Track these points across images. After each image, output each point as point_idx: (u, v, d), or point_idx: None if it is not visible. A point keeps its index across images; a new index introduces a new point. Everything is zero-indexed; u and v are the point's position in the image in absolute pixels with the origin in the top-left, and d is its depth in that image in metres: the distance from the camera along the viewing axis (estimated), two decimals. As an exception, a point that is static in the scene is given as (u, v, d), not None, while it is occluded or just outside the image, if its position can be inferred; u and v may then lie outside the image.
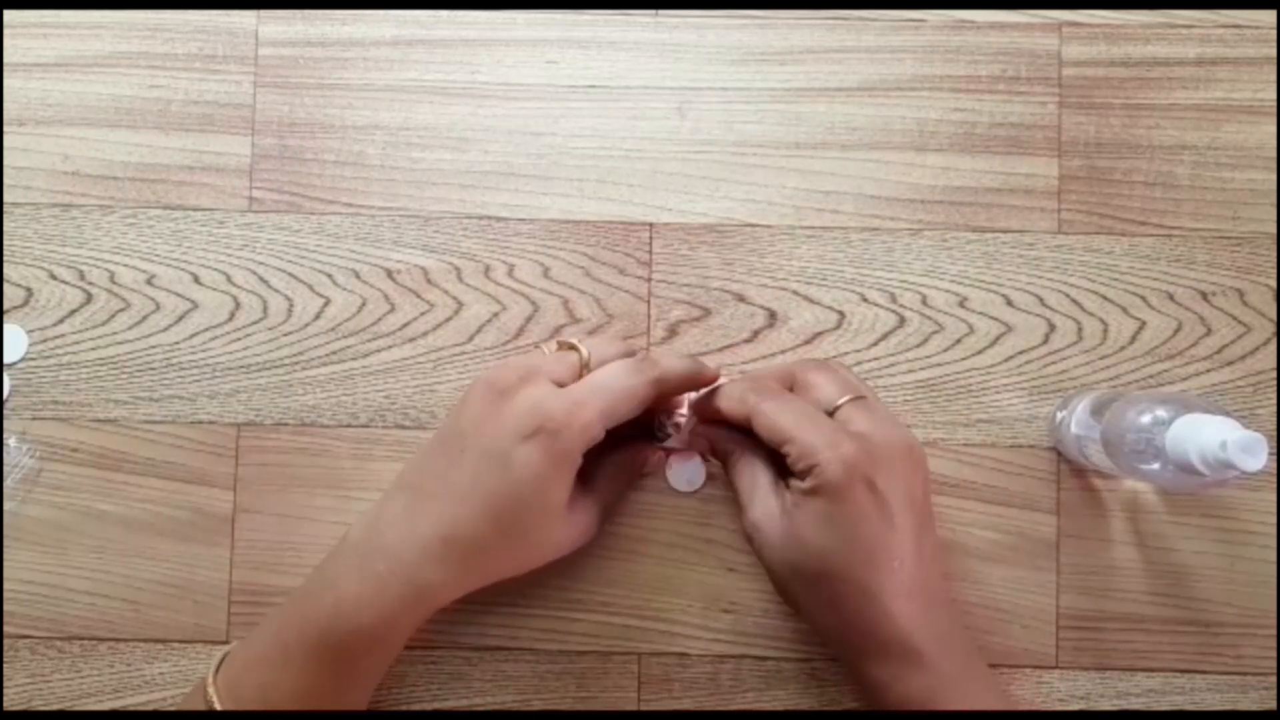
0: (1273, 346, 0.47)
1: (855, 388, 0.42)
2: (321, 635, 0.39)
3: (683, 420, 0.45)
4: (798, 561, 0.40)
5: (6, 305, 0.48)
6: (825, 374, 0.43)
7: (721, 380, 0.45)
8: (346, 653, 0.39)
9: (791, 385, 0.43)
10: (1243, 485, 0.47)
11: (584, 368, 0.41)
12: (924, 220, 0.48)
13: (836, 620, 0.40)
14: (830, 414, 0.41)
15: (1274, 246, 0.48)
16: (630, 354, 0.43)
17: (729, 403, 0.42)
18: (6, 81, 0.49)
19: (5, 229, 0.49)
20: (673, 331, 0.48)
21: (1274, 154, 0.48)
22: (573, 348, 0.42)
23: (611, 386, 0.40)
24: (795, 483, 0.40)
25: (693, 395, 0.45)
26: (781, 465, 0.42)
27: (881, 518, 0.38)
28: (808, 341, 0.48)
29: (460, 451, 0.39)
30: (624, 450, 0.45)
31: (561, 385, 0.40)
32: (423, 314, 0.48)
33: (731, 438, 0.44)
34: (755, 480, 0.42)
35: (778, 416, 0.40)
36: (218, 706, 0.39)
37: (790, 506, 0.40)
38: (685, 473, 0.47)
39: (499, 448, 0.38)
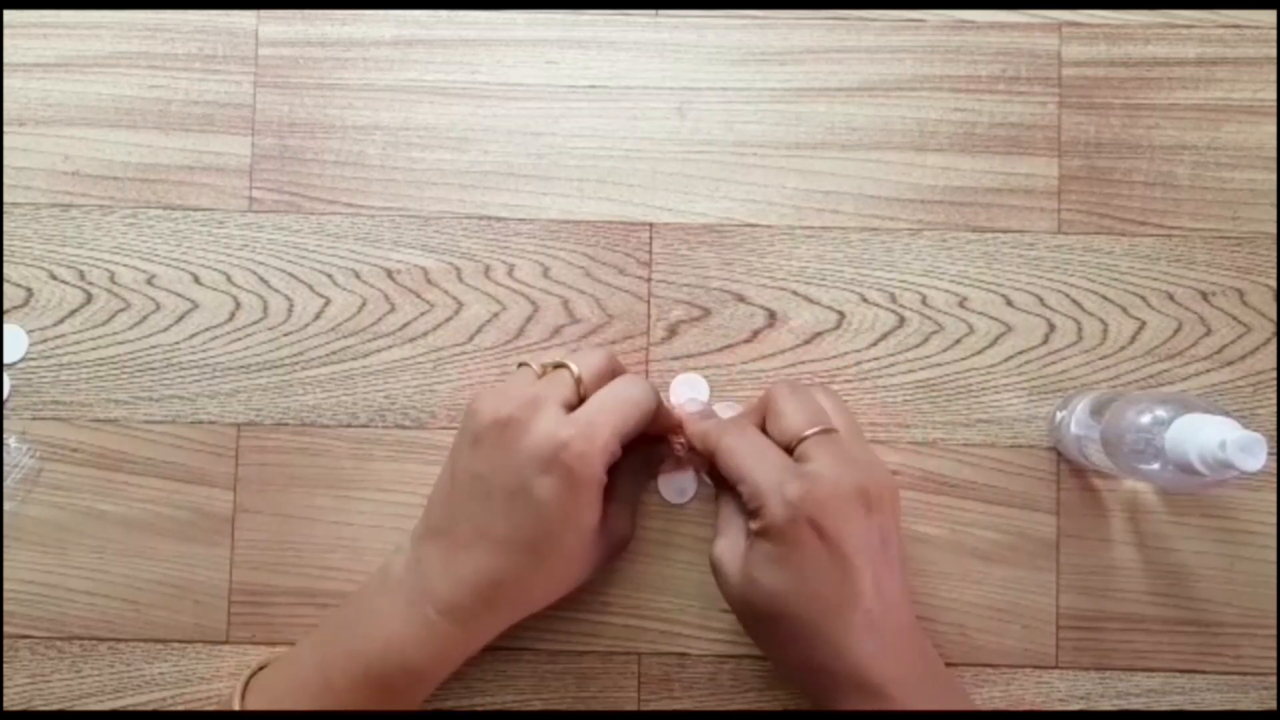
0: (1273, 346, 0.47)
1: (824, 420, 0.41)
2: (368, 670, 0.39)
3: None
4: (752, 600, 0.39)
5: (6, 305, 0.48)
6: (796, 402, 0.41)
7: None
8: (393, 688, 0.39)
9: (767, 412, 0.42)
10: (1243, 485, 0.47)
11: (579, 383, 0.41)
12: (924, 220, 0.48)
13: (795, 659, 0.39)
14: (793, 448, 0.40)
15: (1274, 246, 0.48)
16: (611, 358, 0.42)
17: (698, 440, 0.42)
18: (6, 81, 0.49)
19: (5, 229, 0.49)
20: (673, 331, 0.48)
21: (1274, 154, 0.48)
22: (561, 366, 0.41)
23: (621, 402, 0.40)
24: (750, 523, 0.39)
25: (673, 385, 0.46)
26: None
27: (830, 560, 0.37)
28: (808, 341, 0.48)
29: (486, 496, 0.39)
30: (635, 454, 0.44)
31: (567, 407, 0.40)
32: (423, 314, 0.48)
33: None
34: (731, 515, 0.41)
35: (733, 455, 0.40)
36: None
37: (748, 547, 0.39)
38: (676, 483, 0.47)
39: (523, 486, 0.38)
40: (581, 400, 0.40)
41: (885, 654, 0.38)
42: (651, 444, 0.46)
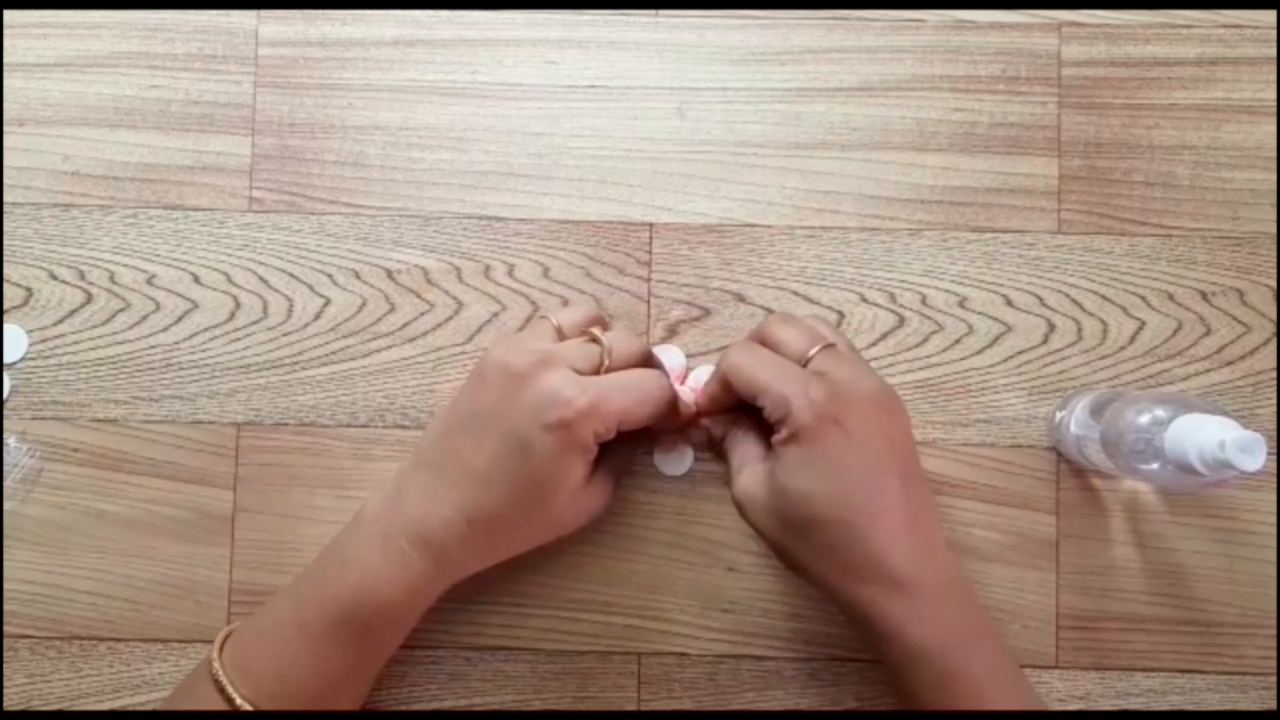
0: (1272, 346, 0.47)
1: (824, 336, 0.42)
2: (342, 610, 0.39)
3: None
4: (784, 512, 0.39)
5: (6, 305, 0.48)
6: (792, 328, 0.42)
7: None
8: (368, 626, 0.40)
9: (763, 343, 0.43)
10: (1243, 485, 0.47)
11: (604, 359, 0.41)
12: (924, 220, 0.48)
13: (833, 568, 0.39)
14: (804, 365, 0.41)
15: (1274, 246, 0.48)
16: (647, 354, 0.43)
17: (711, 376, 0.44)
18: (6, 81, 0.49)
19: (5, 229, 0.49)
20: (672, 331, 0.48)
21: (1274, 154, 0.48)
22: (595, 340, 0.42)
23: (635, 389, 0.40)
24: (775, 436, 0.40)
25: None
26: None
27: (857, 457, 0.38)
28: (807, 341, 0.48)
29: (480, 434, 0.40)
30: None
31: (579, 373, 0.40)
32: (423, 314, 0.48)
33: (724, 420, 0.44)
34: (745, 454, 0.42)
35: (749, 370, 0.41)
36: (224, 682, 0.39)
37: (773, 463, 0.40)
38: (675, 456, 0.47)
39: (520, 433, 0.39)
40: (598, 374, 0.41)
41: (922, 556, 0.38)
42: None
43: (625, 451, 0.45)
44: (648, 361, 0.43)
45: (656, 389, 0.41)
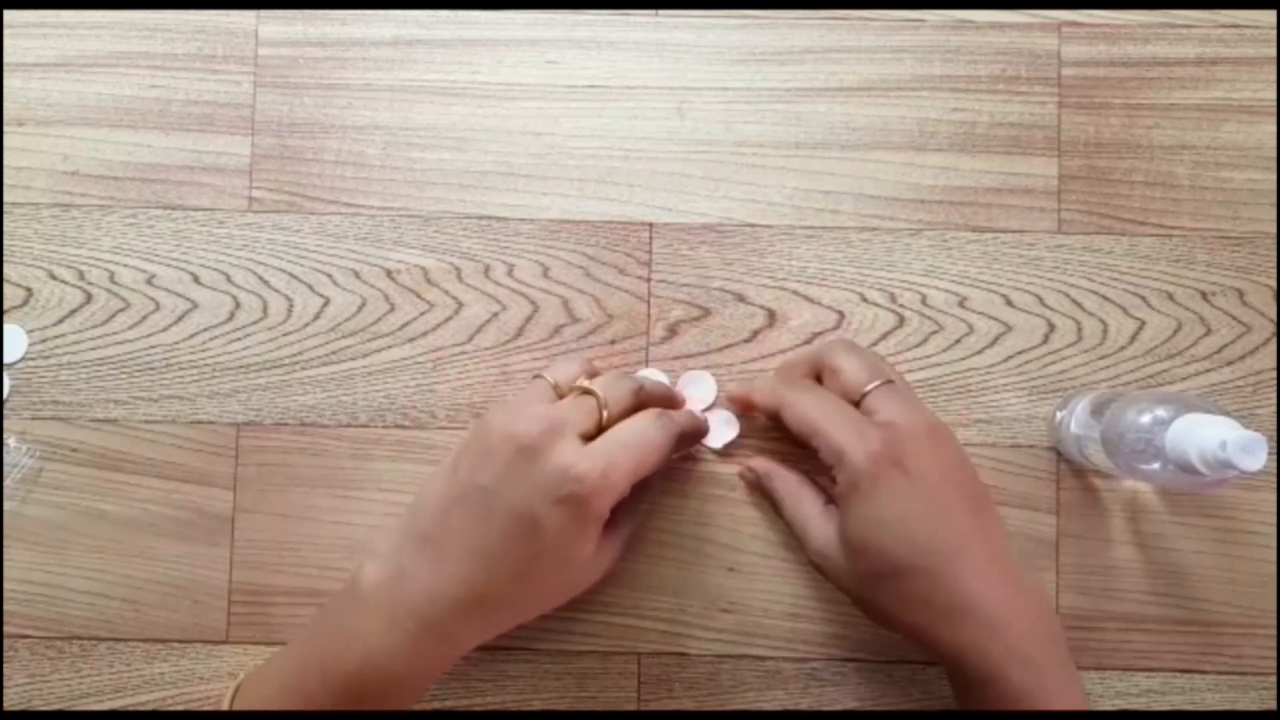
0: (1272, 346, 0.47)
1: (883, 372, 0.42)
2: (348, 681, 0.38)
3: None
4: (864, 568, 0.39)
5: (6, 305, 0.48)
6: (853, 358, 0.42)
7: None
8: (374, 697, 0.39)
9: (820, 369, 0.44)
10: (1243, 485, 0.47)
11: (602, 412, 0.40)
12: (924, 220, 0.48)
13: (922, 617, 0.38)
14: (858, 401, 0.41)
15: (1274, 246, 0.48)
16: (638, 391, 0.42)
17: (761, 395, 0.44)
18: (6, 81, 0.49)
19: (5, 229, 0.49)
20: (672, 331, 0.48)
21: (1274, 154, 0.48)
22: (588, 392, 0.41)
23: (640, 444, 0.39)
24: (835, 488, 0.40)
25: (680, 383, 0.48)
26: (825, 489, 0.42)
27: (924, 497, 0.38)
28: (807, 341, 0.48)
29: (487, 511, 0.38)
30: (640, 486, 0.43)
31: (586, 437, 0.39)
32: (422, 314, 0.48)
33: (774, 474, 0.45)
34: (806, 512, 0.42)
35: (805, 409, 0.41)
36: None
37: (840, 520, 0.40)
38: (718, 431, 0.47)
39: (530, 512, 0.38)
40: (600, 429, 0.40)
41: (1007, 591, 0.38)
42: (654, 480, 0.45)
43: (629, 514, 0.44)
44: (643, 401, 0.42)
45: (659, 435, 0.40)
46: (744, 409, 0.46)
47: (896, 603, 0.39)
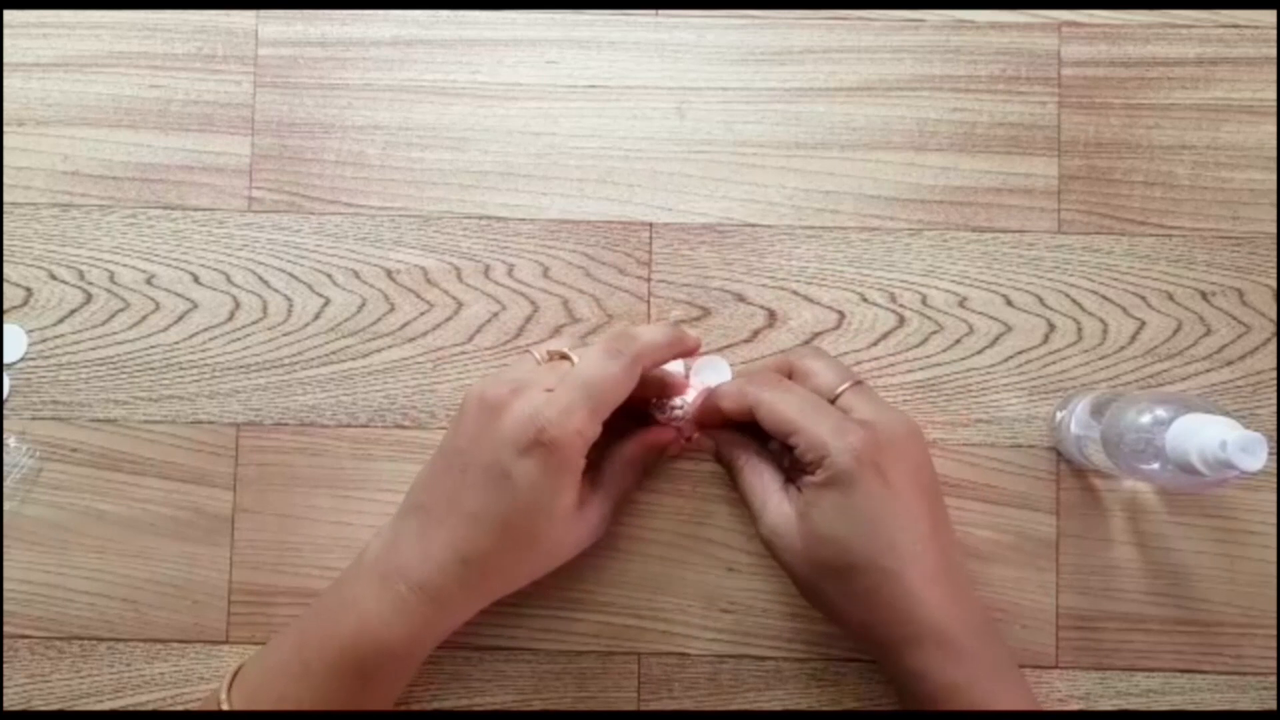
0: (1272, 346, 0.47)
1: (853, 374, 0.43)
2: (344, 652, 0.39)
3: (684, 403, 0.46)
4: (821, 558, 0.39)
5: (6, 305, 0.48)
6: (822, 361, 0.43)
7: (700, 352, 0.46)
8: (369, 669, 0.39)
9: (789, 374, 0.44)
10: (1243, 485, 0.47)
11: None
12: (924, 220, 0.48)
13: (867, 614, 0.39)
14: (831, 401, 0.41)
15: (1274, 246, 0.48)
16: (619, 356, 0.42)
17: (730, 400, 0.43)
18: (6, 81, 0.49)
19: (5, 229, 0.49)
20: (672, 331, 0.48)
21: (1274, 154, 0.48)
22: (564, 357, 0.42)
23: (593, 379, 0.39)
24: (807, 478, 0.40)
25: (693, 370, 0.47)
26: (786, 469, 0.42)
27: (896, 502, 0.39)
28: (807, 341, 0.48)
29: (462, 471, 0.40)
30: (630, 442, 0.45)
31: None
32: (422, 314, 0.48)
33: (734, 442, 0.44)
34: (765, 487, 0.42)
35: (782, 406, 0.40)
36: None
37: (805, 506, 0.40)
38: (710, 373, 0.47)
39: (499, 464, 0.39)
40: None
41: (954, 602, 0.39)
42: (643, 438, 0.45)
43: (623, 482, 0.44)
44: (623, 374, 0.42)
45: (614, 365, 0.39)
46: (712, 419, 0.45)
47: (845, 596, 0.39)
